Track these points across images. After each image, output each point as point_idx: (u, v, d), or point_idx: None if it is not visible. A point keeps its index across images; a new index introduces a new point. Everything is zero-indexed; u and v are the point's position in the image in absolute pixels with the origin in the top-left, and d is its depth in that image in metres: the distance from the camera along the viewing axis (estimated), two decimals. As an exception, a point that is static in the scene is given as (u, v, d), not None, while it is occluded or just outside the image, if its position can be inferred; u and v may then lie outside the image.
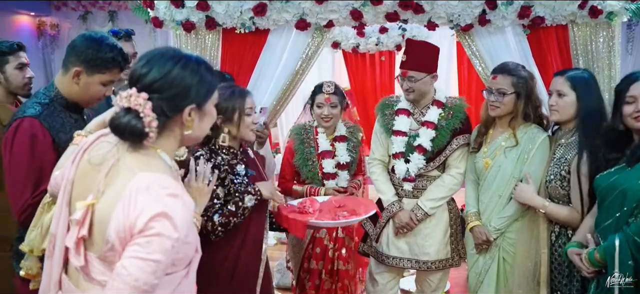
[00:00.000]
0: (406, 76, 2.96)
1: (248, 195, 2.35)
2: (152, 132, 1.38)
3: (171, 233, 1.26)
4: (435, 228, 3.07)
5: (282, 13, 3.30)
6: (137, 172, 1.34)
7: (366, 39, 5.61)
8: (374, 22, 3.42)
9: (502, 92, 2.75)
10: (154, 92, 1.39)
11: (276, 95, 3.51)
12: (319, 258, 3.26)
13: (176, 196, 1.31)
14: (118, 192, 1.32)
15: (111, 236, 1.29)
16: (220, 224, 2.29)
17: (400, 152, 3.05)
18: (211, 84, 1.52)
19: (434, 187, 3.04)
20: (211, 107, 1.54)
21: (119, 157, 1.40)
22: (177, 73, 1.43)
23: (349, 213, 2.61)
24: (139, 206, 1.26)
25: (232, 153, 2.44)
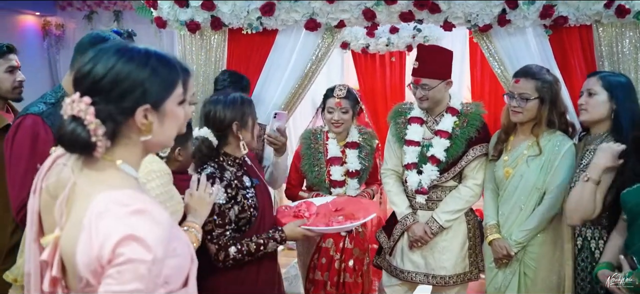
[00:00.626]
0: (419, 83, 2.80)
1: (273, 242, 2.26)
2: (100, 141, 1.18)
3: (143, 255, 1.09)
4: (452, 241, 2.92)
5: (291, 13, 3.17)
6: (94, 194, 1.15)
7: (376, 40, 5.46)
8: (387, 22, 3.28)
9: (525, 97, 2.60)
10: (99, 94, 1.19)
11: (285, 98, 3.37)
12: (325, 268, 3.12)
13: (142, 212, 1.13)
14: (78, 221, 1.14)
15: (82, 272, 1.12)
16: (234, 259, 2.17)
17: (413, 163, 2.90)
18: (169, 79, 1.28)
19: (450, 199, 2.89)
20: (173, 107, 1.29)
21: (75, 179, 1.22)
22: (121, 68, 1.20)
23: (346, 218, 2.45)
24: (101, 233, 1.09)
25: (238, 164, 2.31)
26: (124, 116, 1.21)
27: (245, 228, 2.25)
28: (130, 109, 1.21)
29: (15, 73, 2.84)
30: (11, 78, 2.82)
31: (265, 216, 2.31)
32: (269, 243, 2.24)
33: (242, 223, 2.23)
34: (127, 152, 1.26)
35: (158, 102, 1.25)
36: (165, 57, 1.29)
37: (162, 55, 1.28)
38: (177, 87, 1.29)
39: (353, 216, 2.45)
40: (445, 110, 2.90)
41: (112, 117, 1.19)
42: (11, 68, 2.82)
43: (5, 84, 2.80)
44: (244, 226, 2.25)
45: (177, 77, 1.29)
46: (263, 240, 2.23)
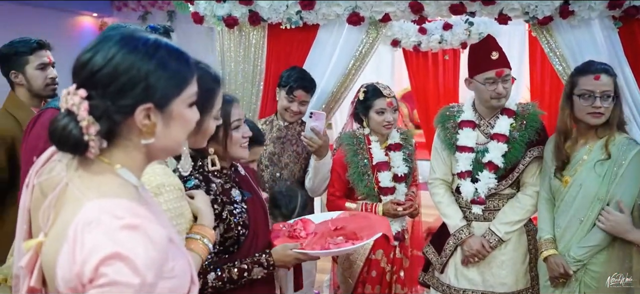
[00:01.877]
0: (502, 75, 2.54)
1: (259, 267, 1.93)
2: (92, 140, 1.03)
3: (130, 278, 0.93)
4: (512, 254, 2.65)
5: (332, 6, 3.00)
6: (85, 200, 1.01)
7: (428, 37, 5.22)
8: (436, 16, 3.05)
9: (608, 95, 2.32)
10: (95, 87, 1.03)
11: (325, 98, 3.20)
12: (376, 282, 2.89)
13: (135, 228, 0.97)
14: (63, 228, 1.00)
15: (61, 287, 0.98)
16: (214, 288, 1.85)
17: (467, 171, 2.65)
18: (179, 76, 1.10)
19: (509, 209, 2.63)
20: (182, 109, 1.13)
21: (67, 180, 1.07)
22: (121, 59, 1.04)
23: (347, 238, 2.16)
24: (85, 246, 0.94)
25: (225, 175, 1.97)
26: (122, 115, 1.05)
27: (233, 249, 1.93)
28: (130, 107, 1.05)
29: (47, 70, 2.78)
30: (43, 75, 2.76)
31: (258, 235, 1.99)
32: (254, 268, 1.91)
33: (229, 243, 1.92)
34: (127, 156, 1.10)
35: (163, 102, 1.08)
36: (177, 51, 1.12)
37: (173, 48, 1.11)
38: (189, 87, 1.13)
39: (355, 236, 2.16)
40: (499, 112, 2.64)
41: (109, 115, 1.04)
42: (43, 65, 2.77)
43: (37, 81, 2.75)
44: (232, 246, 1.93)
45: (189, 75, 1.13)
46: (247, 265, 1.91)
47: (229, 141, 1.91)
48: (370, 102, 2.81)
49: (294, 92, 2.89)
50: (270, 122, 3.03)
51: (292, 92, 2.89)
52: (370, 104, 2.81)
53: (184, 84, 1.12)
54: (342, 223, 2.24)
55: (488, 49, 2.57)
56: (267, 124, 3.03)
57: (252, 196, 2.03)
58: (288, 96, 2.90)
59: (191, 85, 1.14)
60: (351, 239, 2.12)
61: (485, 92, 2.59)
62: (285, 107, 2.93)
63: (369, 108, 2.82)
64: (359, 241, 2.12)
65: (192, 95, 1.15)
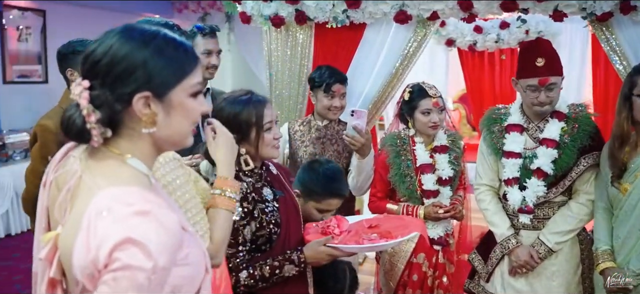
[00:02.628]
0: (546, 84, 2.39)
1: (290, 265, 1.92)
2: (94, 128, 1.06)
3: (143, 262, 0.95)
4: (563, 265, 2.52)
5: (379, 5, 2.95)
6: (96, 190, 1.03)
7: (484, 36, 5.10)
8: (486, 13, 2.93)
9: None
10: (96, 77, 1.07)
11: (373, 97, 3.16)
12: (417, 286, 2.82)
13: (146, 214, 0.99)
14: (78, 218, 1.02)
15: (77, 275, 1.00)
16: (246, 285, 1.87)
17: (514, 177, 2.53)
18: (176, 65, 1.11)
19: (560, 218, 2.49)
20: (183, 98, 1.13)
21: (80, 172, 1.10)
22: (118, 49, 1.06)
23: (381, 236, 2.10)
24: (99, 234, 0.96)
25: (256, 174, 1.98)
26: (121, 103, 1.07)
27: (266, 248, 1.94)
28: (127, 95, 1.07)
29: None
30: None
31: (290, 234, 1.98)
32: (285, 265, 1.91)
33: (261, 241, 1.93)
34: (134, 146, 1.13)
35: (161, 90, 1.09)
36: (176, 41, 1.13)
37: (172, 38, 1.12)
38: (189, 77, 1.14)
39: (389, 234, 2.10)
40: (549, 115, 2.50)
41: (108, 104, 1.07)
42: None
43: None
44: (264, 245, 1.94)
45: (188, 65, 1.14)
46: (278, 262, 1.91)
47: (261, 141, 1.91)
48: (416, 102, 2.73)
49: (331, 87, 2.86)
50: (308, 123, 3.01)
51: (330, 88, 2.86)
52: (416, 104, 2.73)
53: (183, 73, 1.13)
54: (377, 222, 2.20)
55: (534, 54, 2.41)
56: (304, 124, 3.01)
57: (284, 194, 2.03)
58: (327, 94, 2.87)
59: (192, 75, 1.15)
60: (385, 237, 2.08)
61: (527, 98, 2.47)
62: (327, 107, 2.89)
63: (414, 109, 2.74)
64: (393, 239, 2.07)
65: (194, 85, 1.15)
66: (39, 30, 7.17)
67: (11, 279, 4.80)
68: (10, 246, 5.61)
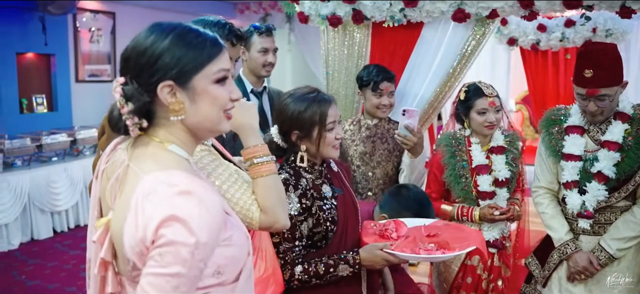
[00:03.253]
0: (596, 94, 2.30)
1: (344, 265, 1.90)
2: (129, 119, 1.15)
3: (186, 238, 1.03)
4: (626, 273, 2.40)
5: (437, 3, 2.94)
6: (143, 175, 1.12)
7: (548, 34, 4.92)
8: (548, 11, 2.85)
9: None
10: (127, 73, 1.16)
11: (429, 97, 3.14)
12: (471, 289, 2.77)
13: (189, 193, 1.06)
14: (126, 201, 1.11)
15: (129, 254, 1.09)
16: (300, 280, 1.88)
17: (574, 181, 2.44)
18: (195, 53, 1.16)
19: (622, 224, 2.39)
20: (207, 85, 1.18)
21: (128, 161, 1.19)
22: (141, 43, 1.15)
23: (439, 246, 2.04)
24: (146, 213, 1.05)
25: (317, 171, 1.99)
26: (148, 94, 1.15)
27: (322, 244, 1.94)
28: (152, 85, 1.14)
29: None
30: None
31: (347, 233, 1.97)
32: (340, 265, 1.89)
33: (317, 237, 1.92)
34: (171, 134, 1.20)
35: (183, 78, 1.16)
36: (197, 31, 1.19)
37: (193, 29, 1.18)
38: (211, 63, 1.19)
39: (447, 246, 2.03)
40: (612, 116, 2.41)
41: (137, 95, 1.15)
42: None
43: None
44: (320, 242, 1.93)
45: (209, 52, 1.18)
46: (333, 261, 1.90)
47: (322, 141, 1.92)
48: (472, 102, 2.69)
49: (379, 85, 2.86)
50: (358, 122, 3.02)
51: (378, 87, 2.86)
52: (472, 104, 2.69)
53: (204, 60, 1.17)
54: (436, 231, 2.15)
55: (584, 64, 2.30)
56: (354, 124, 3.02)
57: (343, 192, 2.03)
58: (375, 93, 2.87)
59: (215, 62, 1.19)
60: (443, 248, 2.03)
61: (579, 104, 2.40)
62: (376, 105, 2.90)
63: (470, 108, 2.70)
64: (450, 251, 2.02)
65: (217, 71, 1.19)
66: (109, 31, 7.53)
67: (79, 267, 5.06)
68: (80, 236, 5.91)
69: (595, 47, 2.34)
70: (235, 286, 1.21)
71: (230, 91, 1.23)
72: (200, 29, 1.20)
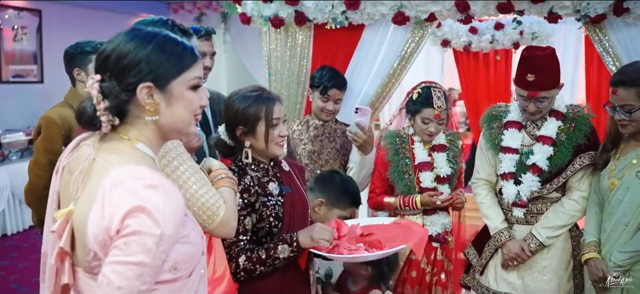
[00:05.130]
0: (536, 97, 2.46)
1: (283, 244, 1.94)
2: (103, 115, 1.21)
3: (151, 228, 1.09)
4: (554, 259, 2.58)
5: (377, 6, 3.00)
6: (110, 168, 1.17)
7: (479, 37, 5.13)
8: (482, 15, 2.99)
9: (628, 109, 2.22)
10: (106, 71, 1.23)
11: (371, 97, 3.21)
12: (415, 283, 2.87)
13: (155, 187, 1.13)
14: (93, 192, 1.16)
15: (91, 243, 1.14)
16: (244, 270, 1.92)
17: (510, 172, 2.59)
18: (175, 59, 1.26)
19: (552, 214, 2.56)
20: (183, 90, 1.28)
21: (94, 156, 1.25)
22: (124, 46, 1.23)
23: (371, 246, 2.13)
24: (112, 203, 1.10)
25: (263, 169, 2.05)
26: (126, 93, 1.22)
27: (266, 240, 2.00)
28: (132, 85, 1.22)
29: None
30: None
31: (294, 230, 2.01)
32: (279, 246, 1.93)
33: (262, 233, 1.99)
34: (141, 133, 1.27)
35: (162, 82, 1.24)
36: (175, 40, 1.29)
37: (172, 38, 1.28)
38: (188, 71, 1.28)
39: (379, 245, 2.12)
40: (548, 113, 2.56)
41: (115, 93, 1.21)
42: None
43: None
44: (264, 237, 2.00)
45: (187, 60, 1.29)
46: (273, 244, 1.95)
47: (268, 137, 1.97)
48: (419, 107, 2.77)
49: (328, 91, 2.91)
50: (306, 122, 3.06)
51: (327, 92, 2.91)
52: (419, 109, 2.77)
53: (182, 67, 1.27)
54: (373, 230, 2.21)
55: (526, 68, 2.44)
56: (302, 124, 3.06)
57: (291, 191, 2.07)
58: (322, 96, 2.92)
59: (191, 70, 1.29)
60: (375, 247, 2.11)
61: (519, 104, 2.56)
62: (321, 108, 2.95)
63: (417, 112, 2.79)
64: (379, 250, 2.09)
65: (193, 78, 1.29)
66: (35, 30, 7.18)
67: (8, 278, 4.81)
68: (7, 246, 5.62)
69: (536, 53, 2.48)
70: (187, 282, 1.27)
71: (201, 97, 1.33)
72: (179, 38, 1.30)
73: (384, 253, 2.09)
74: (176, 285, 1.24)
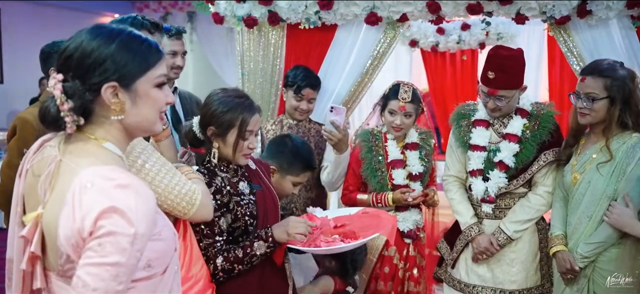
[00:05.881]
0: (495, 95, 2.55)
1: (259, 241, 1.94)
2: (67, 116, 1.18)
3: (125, 228, 1.08)
4: (522, 252, 2.67)
5: (350, 6, 3.05)
6: (79, 169, 1.15)
7: (446, 37, 5.26)
8: (453, 16, 3.07)
9: (592, 97, 2.33)
10: (68, 70, 1.20)
11: (343, 96, 3.25)
12: (388, 278, 2.92)
13: (127, 186, 1.12)
14: (62, 195, 1.13)
15: (63, 246, 1.11)
16: (223, 270, 1.91)
17: (479, 169, 2.67)
18: (140, 58, 1.23)
19: (519, 208, 2.65)
20: (148, 88, 1.25)
21: (60, 157, 1.22)
22: (87, 44, 1.19)
23: (345, 236, 2.15)
24: (84, 205, 1.08)
25: (232, 169, 2.03)
26: (91, 93, 1.19)
27: (242, 239, 1.99)
28: (96, 85, 1.19)
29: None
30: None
31: (267, 226, 2.02)
32: (255, 243, 1.94)
33: (237, 233, 1.98)
34: (107, 132, 1.25)
35: (127, 81, 1.22)
36: (139, 37, 1.25)
37: (136, 35, 1.25)
38: (153, 69, 1.26)
39: (354, 235, 2.15)
40: (513, 112, 2.65)
41: (79, 94, 1.18)
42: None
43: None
44: (240, 236, 1.99)
45: (152, 58, 1.26)
46: (249, 242, 1.95)
47: (236, 146, 1.95)
48: (388, 101, 2.84)
49: (301, 91, 2.94)
50: (280, 121, 3.08)
51: (300, 91, 2.94)
52: (387, 102, 2.84)
53: (147, 65, 1.24)
54: (346, 221, 2.23)
55: (489, 66, 2.54)
56: (276, 124, 3.08)
57: (261, 188, 2.08)
58: (296, 96, 2.95)
59: (156, 68, 1.26)
60: (349, 238, 2.13)
61: (482, 99, 2.64)
62: (295, 107, 2.97)
63: (386, 106, 2.85)
64: (355, 240, 2.11)
65: (158, 76, 1.27)
66: (-6, 28, 7.00)
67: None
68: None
69: (502, 52, 2.56)
70: (162, 279, 1.27)
71: (166, 95, 1.31)
72: (143, 35, 1.26)
73: (359, 242, 2.11)
74: (151, 282, 1.23)
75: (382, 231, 2.15)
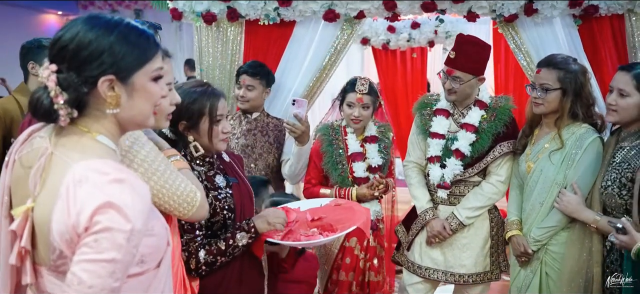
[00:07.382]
0: (452, 74, 2.68)
1: (241, 232, 1.98)
2: (61, 109, 1.14)
3: (122, 224, 1.05)
4: (473, 238, 2.81)
5: (309, 3, 3.11)
6: (72, 163, 1.12)
7: (397, 35, 5.37)
8: (408, 13, 3.17)
9: (546, 88, 2.48)
10: (63, 62, 1.15)
11: (302, 92, 3.30)
12: (350, 269, 2.99)
13: (122, 181, 1.09)
14: (54, 189, 1.10)
15: (56, 241, 1.08)
16: (206, 263, 1.93)
17: (437, 156, 2.79)
18: (138, 51, 1.20)
19: (472, 196, 2.78)
20: (145, 82, 1.22)
21: (51, 149, 1.18)
22: (84, 35, 1.14)
23: (323, 229, 2.22)
24: (78, 200, 1.05)
25: (208, 163, 2.05)
26: (87, 86, 1.15)
27: (221, 233, 2.01)
28: (93, 78, 1.15)
29: None
30: None
31: (244, 219, 2.06)
32: (237, 234, 1.97)
33: (216, 227, 2.00)
34: (100, 125, 1.21)
35: (125, 74, 1.18)
36: (138, 29, 1.22)
37: (134, 27, 1.21)
38: (151, 62, 1.23)
39: (332, 228, 2.21)
40: (473, 103, 2.78)
41: (74, 86, 1.14)
42: None
43: None
44: (219, 230, 2.01)
45: (150, 51, 1.23)
46: (231, 233, 1.97)
47: (213, 133, 1.98)
48: (346, 94, 2.91)
49: (239, 77, 3.01)
50: (238, 117, 3.12)
51: (238, 79, 3.01)
52: (345, 96, 2.92)
53: (145, 58, 1.21)
54: (322, 214, 2.29)
55: (453, 48, 2.70)
56: (235, 118, 3.12)
57: (237, 181, 2.10)
58: (237, 84, 3.02)
59: (154, 61, 1.23)
60: (327, 231, 2.18)
61: (442, 85, 2.76)
62: (236, 96, 3.04)
63: (344, 100, 2.93)
64: (332, 233, 2.17)
65: (155, 70, 1.24)
66: None
67: None
68: None
69: (468, 38, 2.71)
70: (156, 273, 1.26)
71: (162, 88, 1.28)
72: (140, 26, 1.23)
73: (337, 236, 2.17)
74: (145, 277, 1.22)
75: (358, 224, 2.20)
